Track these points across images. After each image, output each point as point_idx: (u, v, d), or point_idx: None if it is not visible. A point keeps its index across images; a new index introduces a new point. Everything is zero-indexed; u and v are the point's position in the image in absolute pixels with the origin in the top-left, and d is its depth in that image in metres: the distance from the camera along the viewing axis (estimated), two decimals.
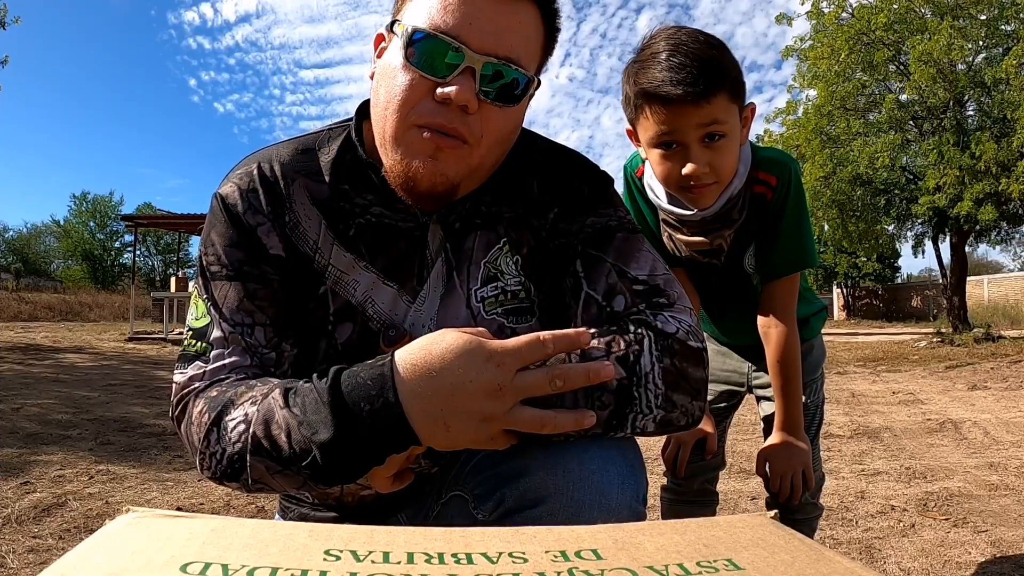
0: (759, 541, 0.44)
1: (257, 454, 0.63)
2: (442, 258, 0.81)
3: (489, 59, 0.69)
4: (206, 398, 0.70)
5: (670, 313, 0.73)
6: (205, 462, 0.68)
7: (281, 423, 0.62)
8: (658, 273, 0.78)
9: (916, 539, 2.03)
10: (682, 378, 0.68)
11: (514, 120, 0.76)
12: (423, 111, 0.70)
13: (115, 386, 5.68)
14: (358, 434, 0.59)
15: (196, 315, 0.77)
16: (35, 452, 3.07)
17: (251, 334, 0.74)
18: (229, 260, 0.76)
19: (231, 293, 0.75)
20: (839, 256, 27.47)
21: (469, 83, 0.68)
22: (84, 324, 20.01)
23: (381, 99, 0.74)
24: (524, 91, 0.73)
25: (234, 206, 0.78)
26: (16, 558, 1.77)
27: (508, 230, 0.83)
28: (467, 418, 0.58)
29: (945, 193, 11.67)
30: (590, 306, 0.77)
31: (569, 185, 0.84)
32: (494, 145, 0.75)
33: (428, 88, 0.70)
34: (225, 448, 0.65)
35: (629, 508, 0.66)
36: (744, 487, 2.71)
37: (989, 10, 11.80)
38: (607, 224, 0.82)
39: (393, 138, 0.73)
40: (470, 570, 0.37)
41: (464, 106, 0.69)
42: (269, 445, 0.62)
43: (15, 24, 12.57)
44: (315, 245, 0.79)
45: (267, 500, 2.39)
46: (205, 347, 0.74)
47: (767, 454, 1.32)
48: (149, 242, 45.06)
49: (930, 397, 5.25)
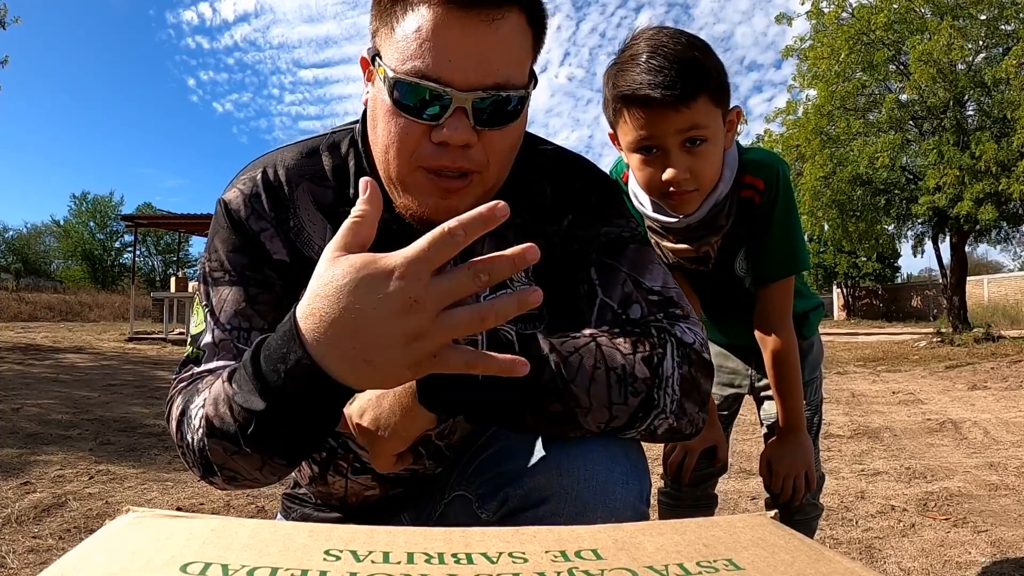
0: (759, 541, 0.44)
1: (212, 435, 0.63)
2: (451, 264, 0.81)
3: (476, 93, 0.66)
4: (184, 392, 0.71)
5: (687, 324, 0.73)
6: (186, 457, 0.68)
7: (224, 400, 0.62)
8: (670, 286, 0.79)
9: (916, 539, 2.03)
10: (695, 388, 0.69)
11: (516, 134, 0.75)
12: (424, 155, 0.69)
13: (115, 386, 5.68)
14: (286, 397, 0.56)
15: (196, 322, 0.78)
16: (35, 452, 3.07)
17: (247, 339, 0.74)
18: (232, 266, 0.77)
19: (230, 298, 0.76)
20: (839, 256, 27.48)
21: (463, 122, 0.67)
22: (84, 324, 20.01)
23: (379, 139, 0.73)
24: (520, 105, 0.72)
25: (237, 211, 0.78)
26: (16, 558, 1.77)
27: (518, 236, 0.82)
28: (388, 348, 0.52)
29: (945, 193, 11.66)
30: (605, 313, 0.77)
31: (581, 192, 0.84)
32: (503, 164, 0.74)
33: (423, 132, 0.68)
34: (192, 437, 0.65)
35: (633, 508, 0.66)
36: (744, 487, 2.71)
37: (989, 10, 11.80)
38: (620, 235, 0.82)
39: (400, 181, 0.73)
40: (470, 570, 0.37)
41: (464, 144, 0.68)
42: (219, 423, 0.61)
43: (15, 24, 12.57)
44: (319, 250, 0.79)
45: (267, 500, 2.39)
46: (198, 353, 0.75)
47: (769, 455, 1.31)
48: (149, 242, 45.05)
49: (930, 397, 5.25)
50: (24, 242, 46.45)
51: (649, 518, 0.70)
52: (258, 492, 2.52)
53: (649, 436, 0.68)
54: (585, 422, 0.64)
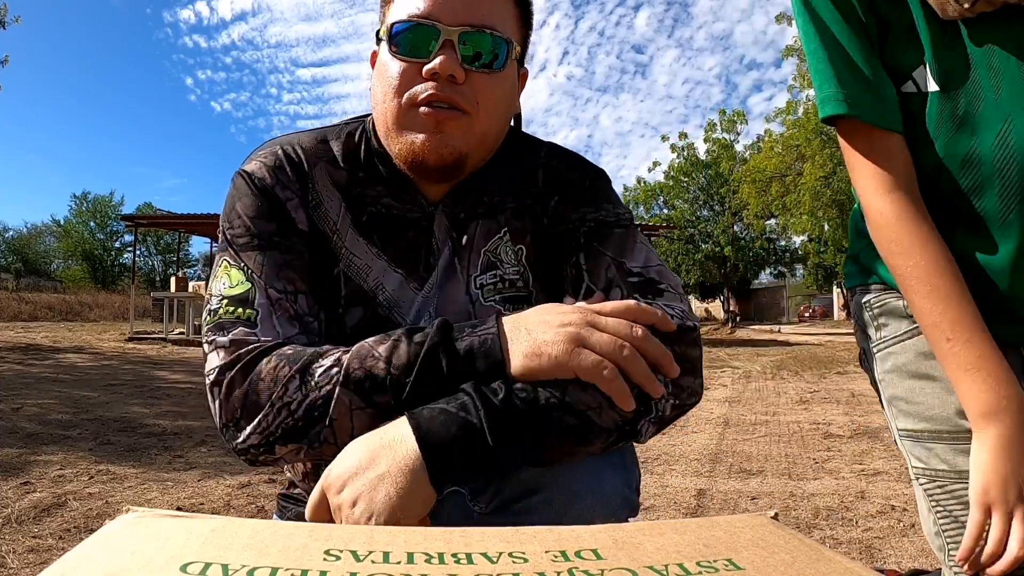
0: (759, 541, 0.44)
1: (346, 386, 0.62)
2: (448, 246, 0.84)
3: (464, 28, 0.73)
4: (280, 355, 0.66)
5: (663, 302, 0.75)
6: (267, 419, 0.64)
7: (380, 354, 0.63)
8: (652, 264, 0.81)
9: (916, 539, 2.03)
10: (684, 360, 0.69)
11: (504, 86, 0.79)
12: (416, 91, 0.74)
13: (115, 386, 5.68)
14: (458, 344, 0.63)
15: (230, 283, 0.74)
16: (35, 452, 3.07)
17: (295, 301, 0.75)
18: (259, 230, 0.76)
19: (268, 262, 0.75)
20: (839, 256, 27.48)
21: (451, 54, 0.73)
22: (84, 324, 20.02)
23: (379, 95, 0.78)
24: (507, 55, 0.77)
25: (262, 179, 0.79)
26: (16, 558, 1.77)
27: (510, 220, 0.86)
28: (545, 325, 0.62)
29: None
30: (590, 298, 0.78)
31: (569, 176, 0.87)
32: (492, 113, 0.77)
33: (416, 70, 0.74)
34: (307, 394, 0.63)
35: (622, 496, 0.68)
36: (744, 487, 2.71)
37: None
38: (606, 220, 0.84)
39: (395, 123, 0.76)
40: (470, 570, 0.37)
41: (452, 76, 0.73)
42: (363, 375, 0.62)
43: (15, 23, 12.58)
44: (335, 226, 0.82)
45: (267, 500, 2.40)
46: (250, 313, 0.71)
47: None
48: (149, 242, 45.09)
49: None
50: (24, 242, 46.51)
51: (638, 507, 0.72)
52: (258, 492, 2.52)
53: (660, 423, 0.68)
54: (602, 421, 0.63)
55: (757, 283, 37.32)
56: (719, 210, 27.36)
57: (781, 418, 4.35)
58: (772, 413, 4.57)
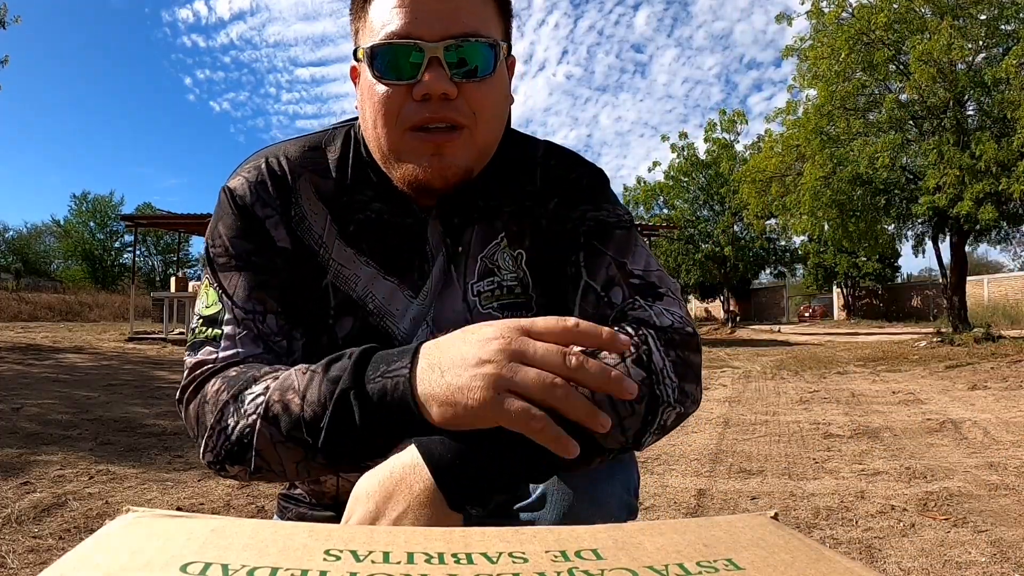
0: (759, 541, 0.44)
1: (266, 419, 0.63)
2: (443, 253, 0.83)
3: (447, 41, 0.70)
4: (224, 377, 0.69)
5: (663, 306, 0.75)
6: (212, 440, 0.67)
7: (299, 387, 0.62)
8: (652, 268, 0.80)
9: (916, 539, 2.03)
10: (688, 367, 0.69)
11: (498, 90, 0.77)
12: (409, 114, 0.72)
13: (115, 386, 5.68)
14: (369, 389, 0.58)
15: (206, 303, 0.77)
16: (35, 452, 3.07)
17: (263, 321, 0.75)
18: (237, 251, 0.77)
19: (241, 282, 0.76)
20: (839, 256, 27.49)
21: (439, 71, 0.70)
22: (84, 324, 20.01)
23: (368, 119, 0.76)
24: (495, 58, 0.74)
25: (243, 198, 0.79)
26: (16, 558, 1.77)
27: (507, 224, 0.84)
28: (461, 363, 0.55)
29: (945, 193, 11.66)
30: (588, 295, 0.79)
31: (568, 177, 0.86)
32: (490, 120, 0.76)
33: (405, 93, 0.72)
34: (238, 421, 0.65)
35: (619, 499, 0.68)
36: (744, 487, 2.71)
37: (989, 10, 11.80)
38: (607, 220, 0.83)
39: (392, 150, 0.74)
40: (470, 570, 0.37)
41: (444, 94, 0.70)
42: (281, 409, 0.62)
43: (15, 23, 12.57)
44: (320, 239, 0.81)
45: (267, 500, 2.40)
46: (216, 333, 0.74)
47: None
48: (149, 242, 45.06)
49: (930, 397, 5.25)
50: (24, 242, 46.47)
51: (638, 510, 0.72)
52: (258, 492, 2.52)
53: (661, 432, 0.68)
54: (606, 443, 0.62)
55: (757, 283, 37.28)
56: (719, 210, 27.33)
57: (781, 418, 4.35)
58: (772, 413, 4.56)
